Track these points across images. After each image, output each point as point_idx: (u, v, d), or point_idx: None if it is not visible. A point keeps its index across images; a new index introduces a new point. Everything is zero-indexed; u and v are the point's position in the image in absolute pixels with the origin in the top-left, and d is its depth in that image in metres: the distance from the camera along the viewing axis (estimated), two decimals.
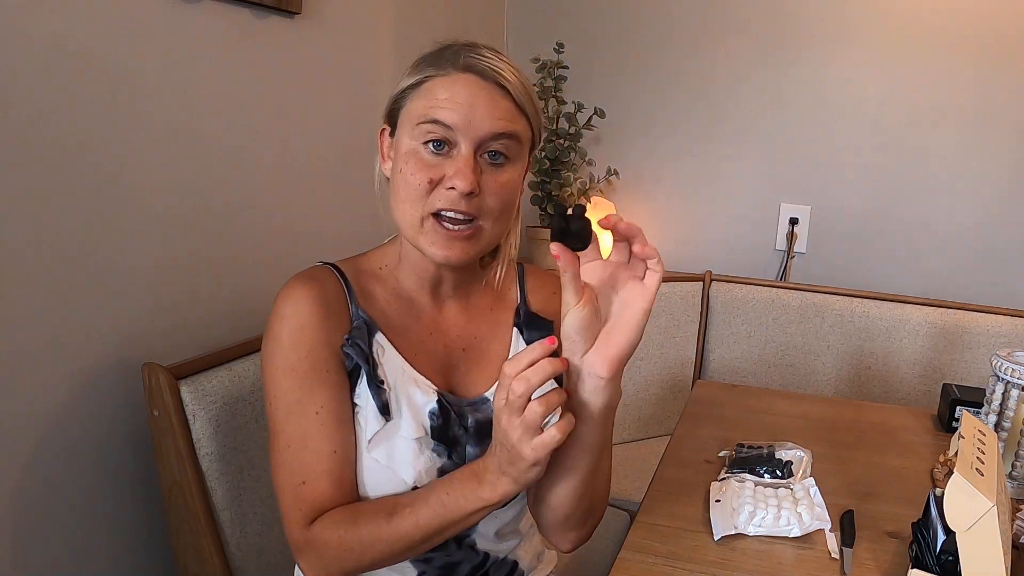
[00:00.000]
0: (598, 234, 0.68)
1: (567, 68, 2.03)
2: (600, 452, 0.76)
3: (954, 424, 1.30)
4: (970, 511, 0.71)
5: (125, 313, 1.05)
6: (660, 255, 0.67)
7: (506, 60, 0.80)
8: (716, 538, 0.91)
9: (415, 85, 0.80)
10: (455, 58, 0.78)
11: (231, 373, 1.07)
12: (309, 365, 0.79)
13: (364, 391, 0.81)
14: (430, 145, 0.78)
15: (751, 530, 0.92)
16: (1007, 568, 0.71)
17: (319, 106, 1.43)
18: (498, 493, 0.71)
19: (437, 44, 0.82)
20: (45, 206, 0.93)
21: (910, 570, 0.79)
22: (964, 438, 0.83)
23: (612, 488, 0.88)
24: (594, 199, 2.07)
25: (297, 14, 1.33)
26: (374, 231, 0.94)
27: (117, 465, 1.06)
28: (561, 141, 2.02)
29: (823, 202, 2.10)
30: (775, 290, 1.96)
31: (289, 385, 0.78)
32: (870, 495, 1.05)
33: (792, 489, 1.01)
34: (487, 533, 0.88)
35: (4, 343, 0.90)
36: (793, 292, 1.95)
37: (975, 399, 1.29)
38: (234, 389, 1.06)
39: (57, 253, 0.95)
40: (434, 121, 0.77)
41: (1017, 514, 0.90)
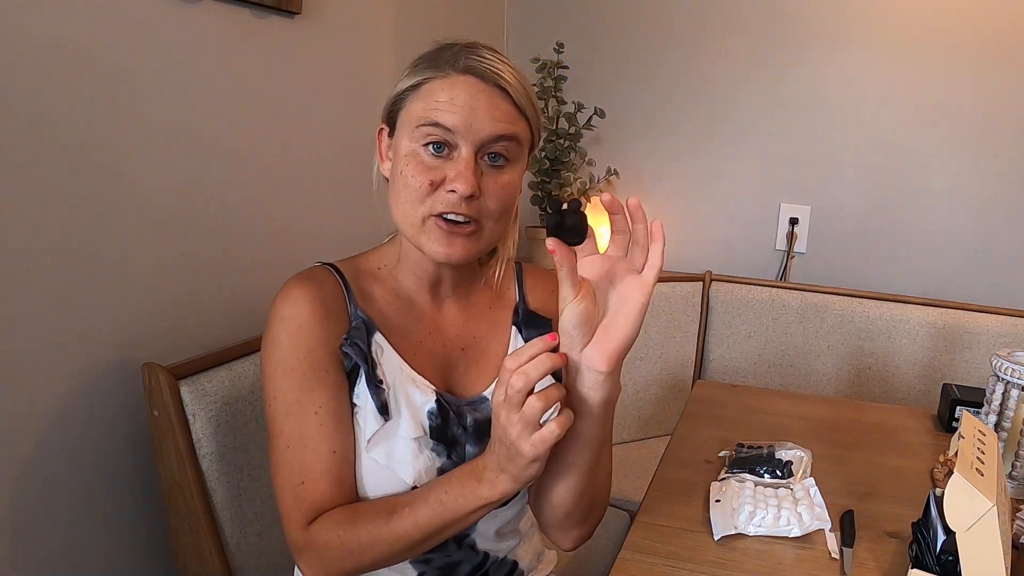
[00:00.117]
0: (594, 228, 0.68)
1: (567, 68, 2.03)
2: (600, 448, 0.76)
3: (954, 424, 1.30)
4: (970, 511, 0.71)
5: (125, 313, 1.05)
6: (663, 234, 0.67)
7: (505, 61, 0.80)
8: (716, 538, 0.91)
9: (415, 87, 0.79)
10: (455, 60, 0.78)
11: (231, 373, 1.07)
12: (308, 365, 0.79)
13: (363, 391, 0.81)
14: (430, 147, 0.77)
15: (751, 530, 0.92)
16: (1007, 568, 0.71)
17: (319, 106, 1.43)
18: (498, 491, 0.71)
19: (436, 44, 0.82)
20: (45, 206, 0.93)
21: (910, 570, 0.79)
22: (964, 438, 0.83)
23: (612, 488, 0.88)
24: (594, 199, 2.07)
25: (297, 14, 1.33)
26: (373, 231, 0.94)
27: (117, 465, 1.06)
28: (561, 141, 2.02)
29: (823, 202, 2.10)
30: (775, 290, 1.96)
31: (288, 385, 0.78)
32: (870, 495, 1.05)
33: (792, 489, 1.01)
34: (487, 533, 0.88)
35: (4, 343, 0.90)
36: (793, 292, 1.95)
37: (975, 399, 1.29)
38: (234, 389, 1.06)
39: (57, 253, 0.95)
40: (434, 124, 0.77)
41: (1017, 514, 0.90)
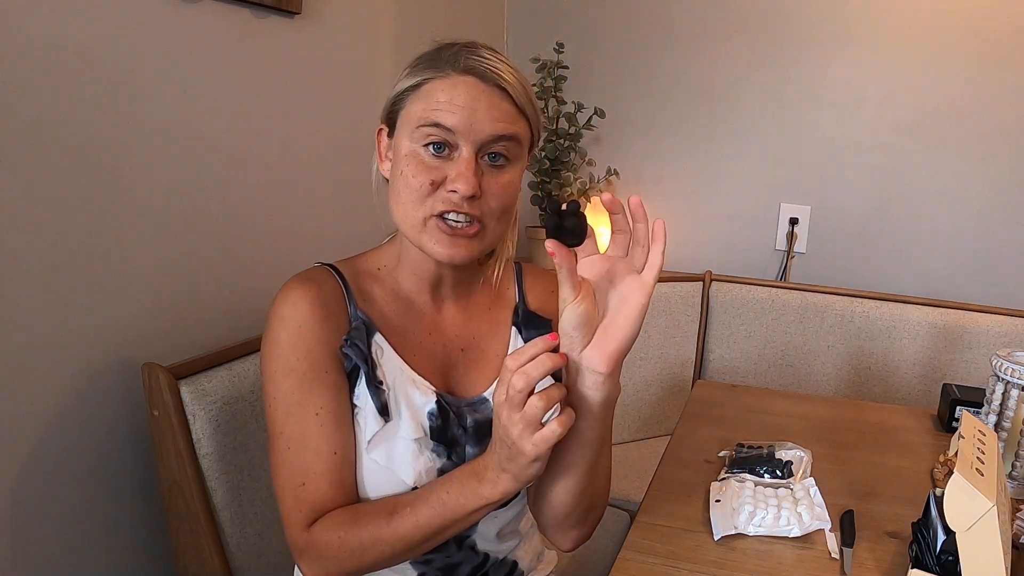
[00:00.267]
0: (594, 228, 0.68)
1: (567, 68, 2.03)
2: (599, 448, 0.76)
3: (954, 424, 1.30)
4: (970, 511, 0.71)
5: (125, 313, 1.05)
6: (665, 234, 0.67)
7: (505, 61, 0.80)
8: (716, 538, 0.91)
9: (414, 87, 0.79)
10: (454, 60, 0.78)
11: (231, 373, 1.07)
12: (308, 366, 0.78)
13: (363, 392, 0.80)
14: (431, 148, 0.77)
15: (751, 530, 0.92)
16: (1007, 568, 0.71)
17: (319, 106, 1.43)
18: (499, 491, 0.71)
19: (435, 44, 0.82)
20: (45, 206, 0.93)
21: (910, 570, 0.79)
22: (964, 438, 0.83)
23: (612, 488, 0.88)
24: (594, 199, 2.07)
25: (297, 14, 1.33)
26: (373, 231, 0.94)
27: (117, 465, 1.06)
28: (561, 141, 2.02)
29: (823, 202, 2.10)
30: (775, 290, 1.96)
31: (288, 386, 0.78)
32: (870, 495, 1.05)
33: (792, 489, 1.01)
34: (487, 534, 0.88)
35: (4, 343, 0.90)
36: (793, 292, 1.95)
37: (975, 399, 1.29)
38: (234, 389, 1.06)
39: (57, 253, 0.95)
40: (435, 124, 0.76)
41: (1017, 514, 0.90)
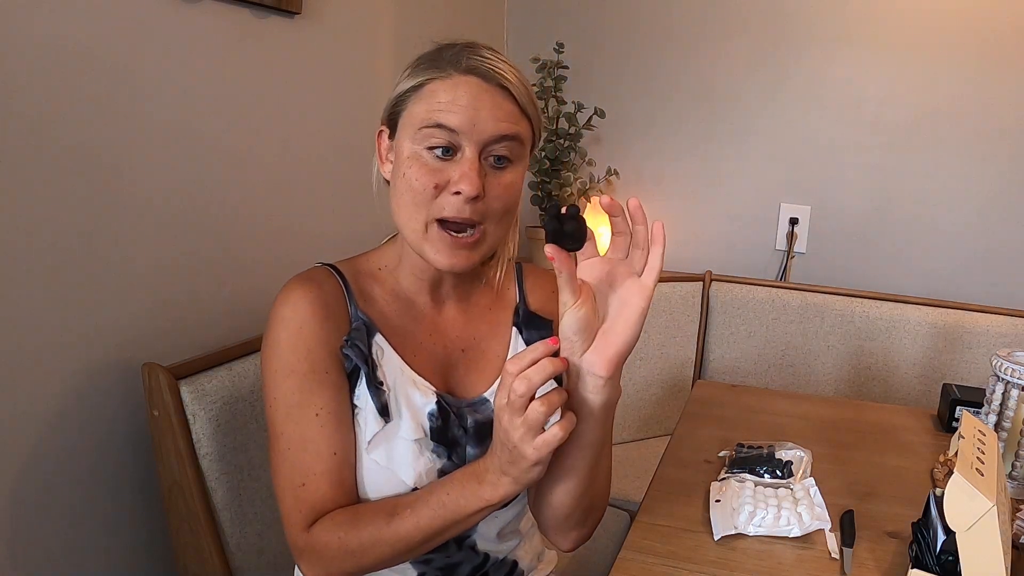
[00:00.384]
0: (594, 229, 0.68)
1: (567, 68, 2.03)
2: (600, 450, 0.76)
3: (954, 424, 1.30)
4: (970, 511, 0.71)
5: (125, 313, 1.05)
6: (664, 236, 0.67)
7: (506, 60, 0.80)
8: (716, 538, 0.91)
9: (416, 88, 0.79)
10: (456, 60, 0.77)
11: (231, 373, 1.07)
12: (308, 367, 0.78)
13: (363, 392, 0.80)
14: (436, 151, 0.77)
15: (751, 530, 0.92)
16: (1007, 568, 0.71)
17: (319, 106, 1.43)
18: (499, 493, 0.71)
19: (435, 44, 0.82)
20: (45, 206, 0.93)
21: (910, 570, 0.79)
22: (964, 438, 0.83)
23: (612, 488, 0.88)
24: (594, 199, 2.07)
25: (297, 14, 1.33)
26: (373, 231, 0.94)
27: (117, 465, 1.06)
28: (561, 141, 2.02)
29: (823, 202, 2.10)
30: (775, 290, 1.96)
31: (289, 387, 0.78)
32: (870, 495, 1.05)
33: (792, 489, 1.01)
34: (488, 534, 0.88)
35: (4, 343, 0.90)
36: (793, 292, 1.95)
37: (975, 399, 1.29)
38: (234, 389, 1.06)
39: (57, 253, 0.95)
40: (438, 125, 0.76)
41: (1017, 514, 0.90)
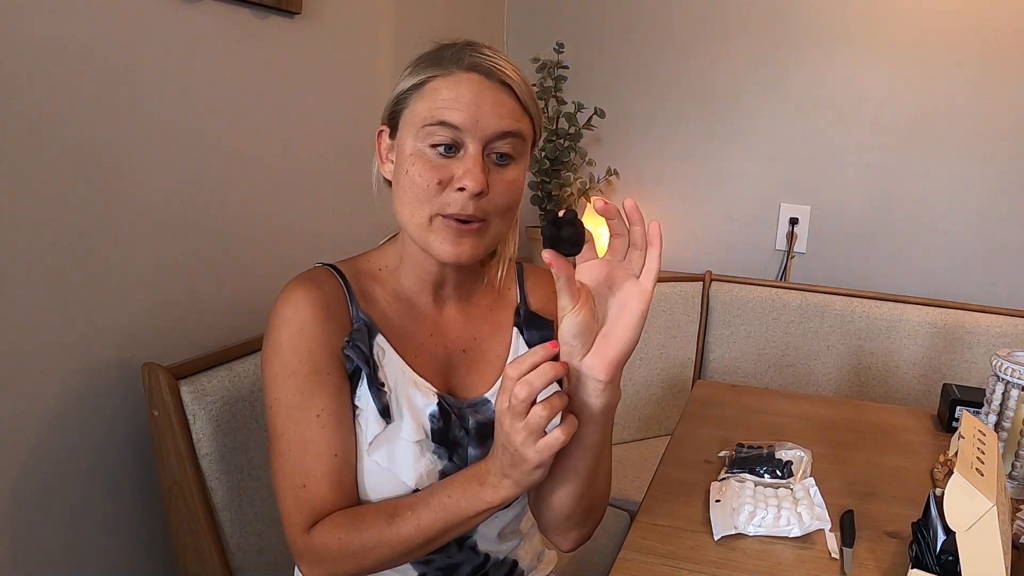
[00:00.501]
0: (592, 231, 0.68)
1: (567, 68, 2.03)
2: (600, 452, 0.76)
3: (954, 424, 1.30)
4: (970, 511, 0.71)
5: (125, 313, 1.05)
6: (661, 237, 0.67)
7: (506, 58, 0.80)
8: (716, 538, 0.91)
9: (417, 86, 0.79)
10: (458, 58, 0.78)
11: (231, 373, 1.07)
12: (309, 368, 0.78)
13: (364, 393, 0.80)
14: (439, 149, 0.77)
15: (751, 530, 0.92)
16: (1007, 568, 0.71)
17: (319, 106, 1.43)
18: (500, 495, 0.71)
19: (435, 43, 0.82)
20: (45, 206, 0.93)
21: (910, 570, 0.79)
22: (964, 438, 0.83)
23: (612, 488, 0.88)
24: (594, 199, 2.07)
25: (297, 14, 1.33)
26: (373, 231, 0.94)
27: (117, 465, 1.06)
28: (561, 141, 2.02)
29: (823, 202, 2.10)
30: (775, 290, 1.96)
31: (289, 388, 0.78)
32: (870, 495, 1.05)
33: (792, 489, 1.01)
34: (488, 534, 0.88)
35: (4, 343, 0.90)
36: (793, 292, 1.95)
37: (975, 399, 1.29)
38: (234, 389, 1.06)
39: (57, 253, 0.95)
40: (441, 123, 0.76)
41: (1017, 514, 0.90)
